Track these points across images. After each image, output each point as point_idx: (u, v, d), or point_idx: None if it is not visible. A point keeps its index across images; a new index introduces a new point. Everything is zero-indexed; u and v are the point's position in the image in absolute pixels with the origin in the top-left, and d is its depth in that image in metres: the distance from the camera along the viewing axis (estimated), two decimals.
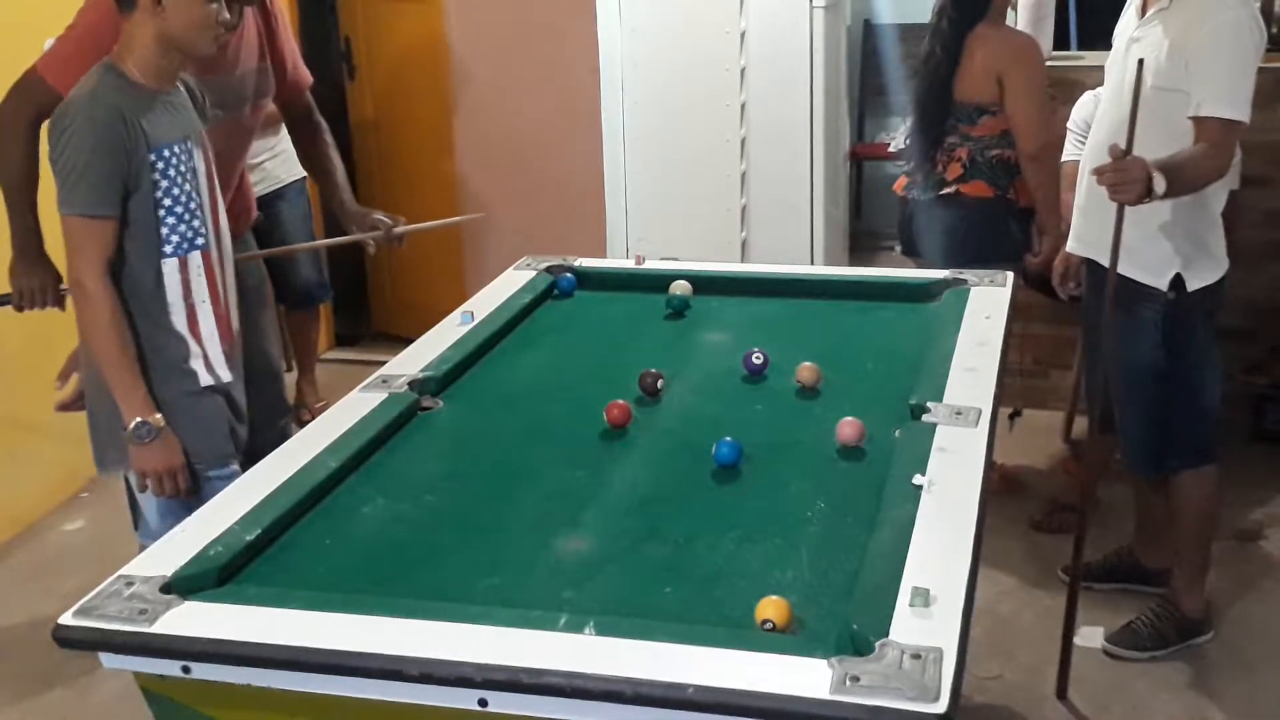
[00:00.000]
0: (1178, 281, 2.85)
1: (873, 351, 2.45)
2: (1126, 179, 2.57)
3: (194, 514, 1.83)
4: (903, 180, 3.66)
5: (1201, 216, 2.84)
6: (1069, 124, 3.62)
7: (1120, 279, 2.86)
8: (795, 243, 4.33)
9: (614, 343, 2.60)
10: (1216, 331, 2.99)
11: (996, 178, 3.44)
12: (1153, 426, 3.01)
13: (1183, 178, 2.64)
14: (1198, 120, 2.70)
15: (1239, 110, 2.68)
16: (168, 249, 2.42)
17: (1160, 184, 2.56)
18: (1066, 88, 3.80)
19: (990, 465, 1.89)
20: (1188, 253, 2.84)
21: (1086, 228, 3.01)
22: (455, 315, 2.60)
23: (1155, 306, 2.88)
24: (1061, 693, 2.92)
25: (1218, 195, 2.85)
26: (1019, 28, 3.93)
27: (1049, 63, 3.80)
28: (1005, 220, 3.48)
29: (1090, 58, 4.29)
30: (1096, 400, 3.09)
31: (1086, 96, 3.66)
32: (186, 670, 1.52)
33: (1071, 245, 3.16)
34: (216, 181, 2.56)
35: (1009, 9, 3.61)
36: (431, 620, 1.51)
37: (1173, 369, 2.92)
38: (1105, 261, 2.79)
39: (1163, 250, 2.85)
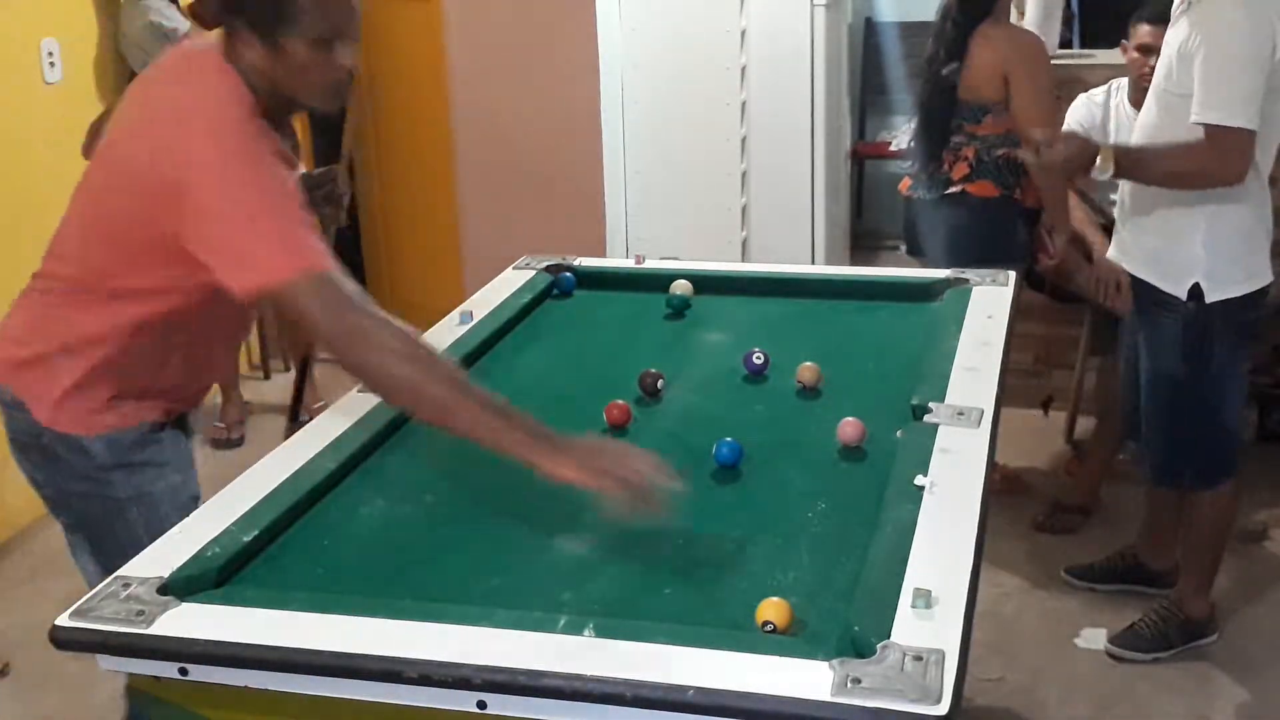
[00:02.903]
0: (1196, 291, 2.79)
1: (874, 351, 2.44)
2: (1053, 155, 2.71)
3: (191, 515, 1.82)
4: (907, 181, 3.65)
5: (1222, 225, 2.75)
6: (1064, 128, 3.60)
7: (1142, 285, 2.87)
8: (796, 242, 4.33)
9: (614, 342, 2.58)
10: (1242, 341, 2.89)
11: (1003, 178, 3.43)
12: (1171, 439, 2.96)
13: (1141, 163, 2.70)
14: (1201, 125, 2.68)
15: (1230, 115, 2.58)
16: None
17: (1105, 163, 2.65)
18: (1069, 87, 3.79)
19: (992, 466, 1.89)
20: (1207, 262, 2.77)
21: (1122, 236, 3.00)
22: (454, 315, 2.58)
23: (1175, 315, 2.82)
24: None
25: (1248, 206, 2.75)
26: (1026, 26, 3.92)
27: (1052, 61, 3.79)
28: (1011, 221, 3.47)
29: (1100, 56, 4.27)
30: (1128, 404, 3.08)
31: (1080, 99, 3.65)
32: (184, 672, 1.51)
33: (1112, 253, 3.09)
34: None
35: (1013, 7, 3.59)
36: (430, 622, 1.50)
37: (1192, 382, 2.85)
38: (1132, 268, 2.84)
39: (1181, 258, 2.79)
